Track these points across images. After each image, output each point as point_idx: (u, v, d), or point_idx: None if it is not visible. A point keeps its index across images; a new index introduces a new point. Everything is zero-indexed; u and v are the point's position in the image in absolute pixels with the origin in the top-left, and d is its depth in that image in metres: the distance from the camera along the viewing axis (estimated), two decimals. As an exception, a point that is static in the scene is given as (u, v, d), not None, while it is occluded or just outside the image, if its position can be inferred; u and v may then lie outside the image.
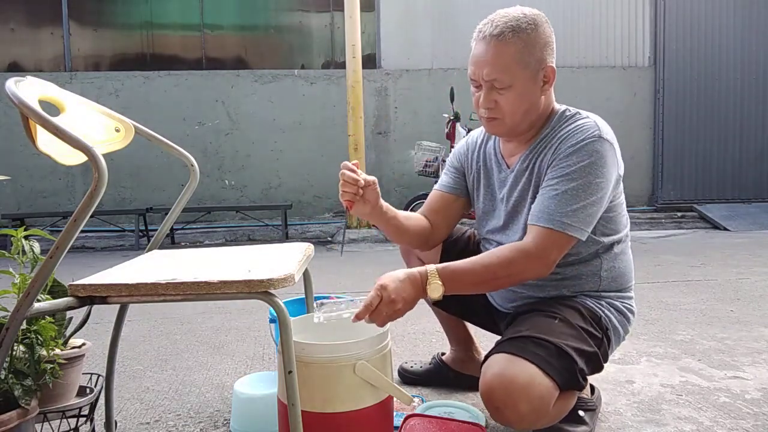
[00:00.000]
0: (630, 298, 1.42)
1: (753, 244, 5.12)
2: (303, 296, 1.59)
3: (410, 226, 1.47)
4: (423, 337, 2.31)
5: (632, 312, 1.42)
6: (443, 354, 1.82)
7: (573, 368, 1.19)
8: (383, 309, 1.16)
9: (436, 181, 5.51)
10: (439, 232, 1.55)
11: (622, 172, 1.33)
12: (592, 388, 1.52)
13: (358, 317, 1.17)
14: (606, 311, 1.35)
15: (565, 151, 1.26)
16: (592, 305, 1.34)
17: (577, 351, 1.21)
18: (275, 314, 0.99)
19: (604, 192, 1.25)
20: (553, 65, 1.30)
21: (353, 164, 1.31)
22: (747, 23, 7.81)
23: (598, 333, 1.30)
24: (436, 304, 1.61)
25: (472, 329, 1.77)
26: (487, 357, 1.22)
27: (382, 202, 1.38)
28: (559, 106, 1.38)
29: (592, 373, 1.28)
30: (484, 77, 1.27)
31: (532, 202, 1.32)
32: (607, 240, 1.35)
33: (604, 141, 1.25)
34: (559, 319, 1.27)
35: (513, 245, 1.26)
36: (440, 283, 1.20)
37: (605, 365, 1.32)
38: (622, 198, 1.38)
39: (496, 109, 1.30)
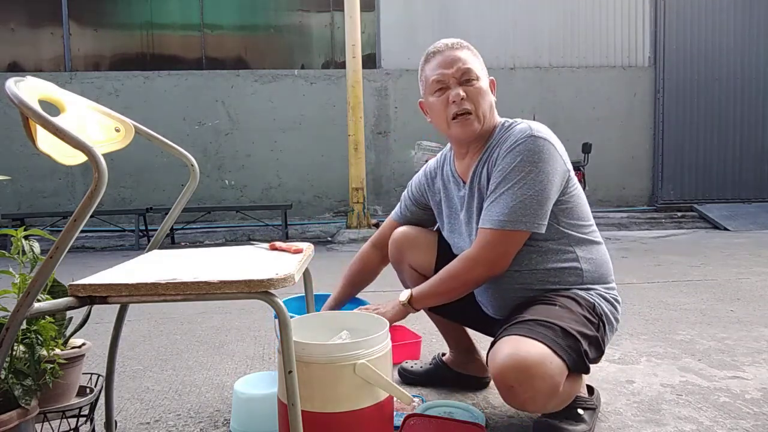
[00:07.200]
0: (613, 289, 1.48)
1: (753, 244, 5.12)
2: (303, 295, 1.59)
3: (362, 282, 1.70)
4: (423, 337, 2.30)
5: (618, 302, 1.47)
6: (443, 354, 1.82)
7: (579, 349, 1.22)
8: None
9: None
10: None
11: (569, 167, 1.39)
12: (591, 389, 1.51)
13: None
14: (597, 300, 1.40)
15: (500, 157, 1.35)
16: (584, 294, 1.39)
17: (581, 334, 1.25)
18: (276, 314, 0.99)
19: (543, 185, 1.29)
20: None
21: None
22: (747, 23, 7.82)
23: (594, 319, 1.34)
24: (432, 311, 1.66)
25: (472, 335, 1.77)
26: (493, 344, 1.25)
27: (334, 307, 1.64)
28: (500, 119, 1.46)
29: (594, 358, 1.31)
30: (461, 66, 1.37)
31: (479, 214, 1.40)
32: (574, 231, 1.40)
33: (536, 138, 1.31)
34: (559, 305, 1.31)
35: (461, 254, 1.38)
36: (408, 291, 1.41)
37: (605, 365, 1.32)
38: (579, 191, 1.43)
39: (467, 100, 1.37)
